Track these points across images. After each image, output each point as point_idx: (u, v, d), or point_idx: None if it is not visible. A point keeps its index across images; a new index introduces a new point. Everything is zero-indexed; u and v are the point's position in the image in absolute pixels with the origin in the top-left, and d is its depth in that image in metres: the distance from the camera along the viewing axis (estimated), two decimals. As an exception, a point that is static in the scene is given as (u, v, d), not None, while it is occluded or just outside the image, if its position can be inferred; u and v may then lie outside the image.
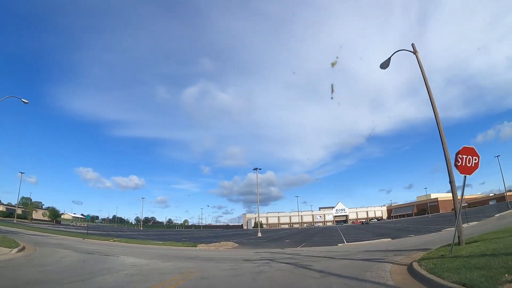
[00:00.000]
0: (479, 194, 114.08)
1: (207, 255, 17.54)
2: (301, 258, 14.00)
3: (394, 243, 22.89)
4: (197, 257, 16.17)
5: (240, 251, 23.05)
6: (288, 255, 16.70)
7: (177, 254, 17.83)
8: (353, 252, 16.39)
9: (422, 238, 24.76)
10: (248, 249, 24.27)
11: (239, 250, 23.65)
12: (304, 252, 18.99)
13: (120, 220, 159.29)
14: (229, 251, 22.64)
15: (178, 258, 15.17)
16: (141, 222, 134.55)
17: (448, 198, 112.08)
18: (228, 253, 19.89)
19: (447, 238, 22.19)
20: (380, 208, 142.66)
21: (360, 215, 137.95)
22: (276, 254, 17.32)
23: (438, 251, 10.65)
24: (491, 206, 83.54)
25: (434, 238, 23.01)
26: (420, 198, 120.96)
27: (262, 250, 21.90)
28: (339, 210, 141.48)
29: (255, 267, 11.06)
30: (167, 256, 16.21)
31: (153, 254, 17.59)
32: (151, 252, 19.62)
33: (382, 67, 15.95)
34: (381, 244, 23.13)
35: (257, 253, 19.32)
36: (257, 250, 22.99)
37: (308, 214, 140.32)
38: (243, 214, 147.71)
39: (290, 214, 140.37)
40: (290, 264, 11.57)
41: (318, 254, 16.03)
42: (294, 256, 15.15)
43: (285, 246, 26.71)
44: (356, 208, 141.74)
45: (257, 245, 29.38)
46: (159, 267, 11.40)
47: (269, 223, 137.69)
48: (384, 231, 40.09)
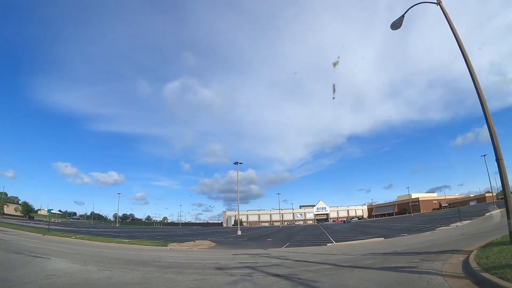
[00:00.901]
0: (459, 195, 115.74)
1: (170, 260, 13.86)
2: (293, 265, 10.63)
3: (392, 243, 20.11)
4: (156, 262, 12.45)
5: (215, 252, 19.50)
6: (275, 259, 13.36)
7: (131, 258, 14.01)
8: (356, 255, 13.23)
9: (419, 237, 22.23)
10: (226, 250, 20.78)
11: (214, 252, 20.07)
12: (292, 254, 15.70)
13: (98, 217, 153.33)
14: (202, 253, 19.01)
15: (128, 264, 11.39)
16: (117, 218, 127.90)
17: (428, 198, 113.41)
18: (200, 256, 16.28)
19: (450, 237, 19.82)
20: (361, 207, 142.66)
21: (341, 214, 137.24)
22: (259, 258, 13.92)
23: (490, 252, 7.65)
24: (472, 206, 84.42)
25: (434, 237, 20.44)
26: (401, 198, 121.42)
27: (241, 252, 18.48)
28: (320, 208, 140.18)
29: (230, 285, 7.52)
30: (116, 260, 12.44)
31: (102, 257, 13.77)
32: (103, 253, 15.79)
33: (393, 27, 13.39)
34: (376, 244, 20.29)
35: (236, 255, 15.86)
36: (236, 251, 19.56)
37: (288, 212, 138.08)
38: (223, 211, 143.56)
39: (270, 212, 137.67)
40: (282, 278, 8.05)
41: (312, 258, 12.73)
42: (283, 262, 11.78)
43: (267, 246, 23.45)
44: (337, 206, 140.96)
45: (236, 244, 25.93)
46: (82, 281, 7.68)
47: (249, 221, 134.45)
48: (371, 230, 37.72)
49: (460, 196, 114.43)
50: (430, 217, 56.14)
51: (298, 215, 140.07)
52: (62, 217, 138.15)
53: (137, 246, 23.78)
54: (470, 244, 11.75)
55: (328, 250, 18.22)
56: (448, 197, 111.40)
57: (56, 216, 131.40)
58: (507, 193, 8.14)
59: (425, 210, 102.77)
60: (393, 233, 28.24)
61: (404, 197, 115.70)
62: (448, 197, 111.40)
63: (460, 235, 18.85)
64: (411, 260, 9.61)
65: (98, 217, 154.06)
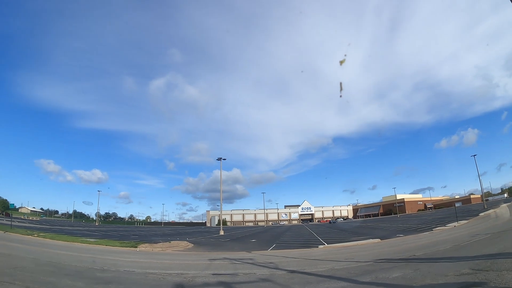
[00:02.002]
0: (444, 197, 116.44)
1: (125, 268, 10.85)
2: (289, 282, 7.80)
3: (393, 245, 17.76)
4: (99, 271, 9.42)
5: (189, 256, 16.54)
6: (261, 267, 10.62)
7: (77, 263, 10.88)
8: (366, 262, 10.55)
9: (421, 238, 20.17)
10: (203, 253, 17.86)
11: (188, 255, 17.09)
12: (282, 260, 12.95)
13: (81, 216, 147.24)
14: (173, 257, 15.99)
15: (52, 275, 8.26)
16: (98, 217, 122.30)
17: (414, 199, 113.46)
18: (167, 263, 13.30)
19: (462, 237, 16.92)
20: (346, 208, 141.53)
21: (326, 214, 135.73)
22: (240, 267, 11.12)
23: None
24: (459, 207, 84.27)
25: (438, 239, 18.23)
26: (386, 198, 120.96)
27: (221, 255, 15.65)
28: (305, 208, 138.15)
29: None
30: (46, 267, 9.31)
31: (36, 260, 10.56)
32: (47, 255, 12.56)
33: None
34: (376, 246, 17.86)
35: (212, 262, 12.99)
36: (215, 254, 16.72)
37: (273, 212, 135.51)
38: (207, 211, 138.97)
39: (255, 212, 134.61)
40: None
41: (310, 267, 9.99)
42: (273, 275, 8.97)
43: (251, 248, 20.72)
44: (322, 207, 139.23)
45: (217, 246, 23.04)
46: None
47: (233, 220, 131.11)
48: (361, 231, 35.52)
49: (445, 197, 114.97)
50: (419, 217, 54.72)
51: (283, 215, 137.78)
52: (43, 215, 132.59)
53: (102, 247, 20.62)
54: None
55: (320, 254, 15.60)
56: (433, 198, 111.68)
57: (37, 214, 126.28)
58: None
59: (411, 211, 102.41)
60: (388, 234, 26.08)
61: (390, 198, 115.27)
62: (433, 198, 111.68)
63: (472, 235, 16.60)
64: (460, 270, 6.95)
65: (81, 215, 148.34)
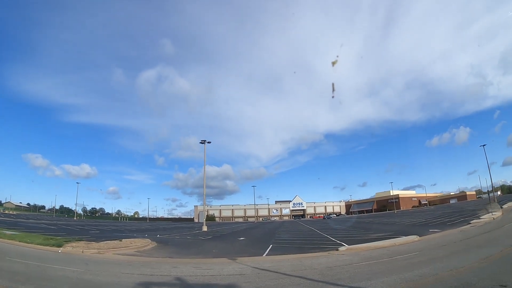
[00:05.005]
0: (439, 193, 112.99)
1: None
2: None
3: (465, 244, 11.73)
4: None
5: (123, 267, 9.92)
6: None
7: None
8: None
9: (479, 233, 13.97)
10: (158, 260, 11.36)
11: (127, 264, 10.51)
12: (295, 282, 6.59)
13: (67, 211, 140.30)
14: (102, 266, 9.44)
15: None
16: (76, 211, 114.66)
17: (408, 195, 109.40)
18: (70, 275, 6.78)
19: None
20: (338, 204, 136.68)
21: (318, 210, 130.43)
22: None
23: None
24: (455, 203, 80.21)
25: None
26: (379, 194, 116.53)
27: (180, 271, 9.20)
28: (296, 204, 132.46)
29: None
30: None
31: None
32: None
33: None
34: (424, 246, 11.60)
35: (152, 286, 6.51)
36: (176, 262, 10.32)
37: (264, 208, 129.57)
38: (195, 206, 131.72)
39: (245, 207, 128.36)
40: None
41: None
42: None
43: (238, 251, 14.45)
44: (314, 202, 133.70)
45: (189, 247, 16.54)
46: None
47: (222, 216, 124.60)
48: (371, 226, 29.41)
49: (440, 194, 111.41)
50: (423, 213, 49.32)
51: (274, 211, 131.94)
52: (27, 210, 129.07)
53: (11, 245, 13.86)
54: None
55: (363, 265, 9.28)
56: (428, 194, 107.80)
57: (22, 209, 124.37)
58: None
59: (405, 207, 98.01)
60: (414, 230, 19.89)
61: (383, 194, 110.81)
62: (428, 194, 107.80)
63: None
64: None
65: (68, 211, 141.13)
